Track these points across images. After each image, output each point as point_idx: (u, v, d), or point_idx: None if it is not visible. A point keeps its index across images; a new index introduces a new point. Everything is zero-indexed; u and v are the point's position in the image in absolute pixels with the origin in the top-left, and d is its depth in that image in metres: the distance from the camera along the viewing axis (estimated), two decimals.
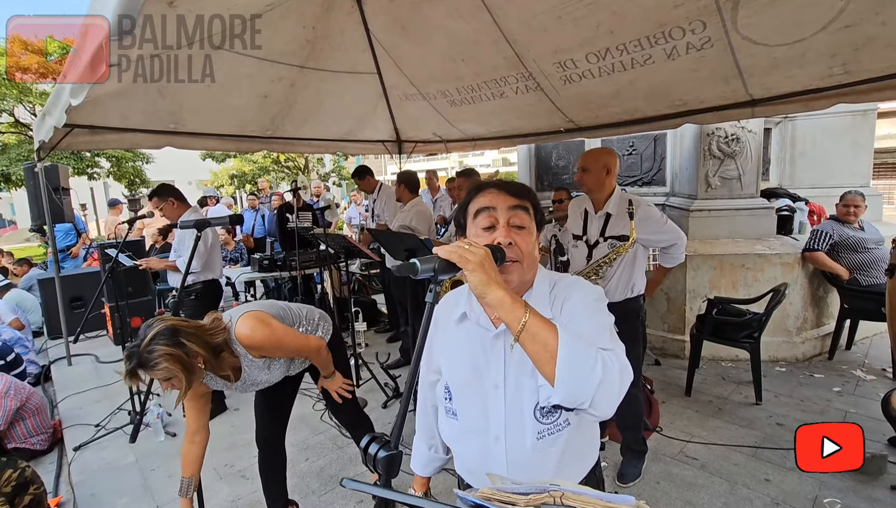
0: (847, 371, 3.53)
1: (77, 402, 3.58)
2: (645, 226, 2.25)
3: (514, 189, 1.01)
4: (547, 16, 2.19)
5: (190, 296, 3.18)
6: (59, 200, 4.33)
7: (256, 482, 2.50)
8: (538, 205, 1.04)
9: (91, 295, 4.67)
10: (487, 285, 0.81)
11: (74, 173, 12.23)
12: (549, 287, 1.01)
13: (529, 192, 1.03)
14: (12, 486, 1.98)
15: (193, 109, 3.15)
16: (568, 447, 0.97)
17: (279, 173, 17.99)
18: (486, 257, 0.83)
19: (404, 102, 3.80)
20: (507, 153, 26.53)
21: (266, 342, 1.64)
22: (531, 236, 0.98)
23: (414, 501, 0.48)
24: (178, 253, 3.21)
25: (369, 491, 0.57)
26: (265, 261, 4.72)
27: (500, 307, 0.81)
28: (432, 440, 1.22)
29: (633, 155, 4.76)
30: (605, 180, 2.31)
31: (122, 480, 2.60)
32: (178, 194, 3.22)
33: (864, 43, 1.87)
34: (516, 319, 0.80)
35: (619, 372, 0.81)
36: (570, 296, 0.97)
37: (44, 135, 3.02)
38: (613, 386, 0.80)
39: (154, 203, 3.20)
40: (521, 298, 0.84)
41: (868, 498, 2.14)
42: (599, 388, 0.77)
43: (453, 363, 1.05)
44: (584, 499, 0.50)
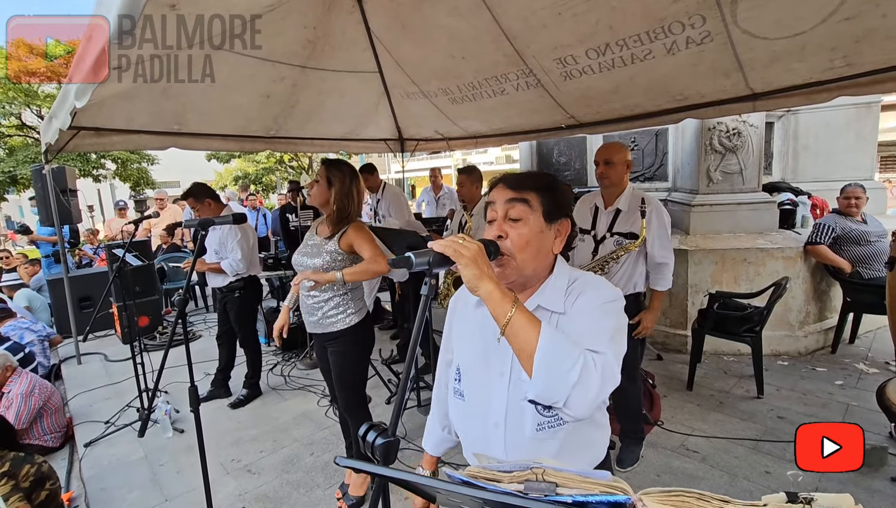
0: (850, 365, 3.52)
1: (87, 399, 3.64)
2: (654, 228, 2.26)
3: (514, 182, 1.01)
4: (546, 12, 2.20)
5: (234, 293, 3.29)
6: (67, 201, 4.39)
7: (262, 476, 2.55)
8: (552, 192, 1.00)
9: (99, 295, 4.74)
10: (479, 279, 0.84)
11: (81, 175, 12.35)
12: (567, 283, 1.00)
13: (536, 182, 1.01)
14: (30, 481, 2.02)
15: (197, 110, 3.19)
16: (569, 440, 0.98)
17: (283, 173, 18.06)
18: (479, 252, 0.85)
19: (406, 101, 3.82)
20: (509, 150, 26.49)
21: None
22: (527, 228, 0.97)
23: (406, 476, 0.51)
24: (220, 255, 3.27)
25: (362, 468, 0.59)
26: (269, 260, 4.76)
27: (489, 301, 0.84)
28: (445, 419, 1.23)
29: (634, 150, 4.75)
30: (624, 175, 2.34)
31: (132, 475, 2.66)
32: (213, 194, 3.26)
33: (864, 35, 1.87)
34: (503, 313, 0.83)
35: (601, 377, 0.82)
36: (585, 292, 0.97)
37: (50, 137, 3.07)
38: (590, 390, 0.80)
39: (190, 203, 3.24)
40: (511, 293, 0.86)
41: (868, 490, 2.15)
42: (574, 389, 0.79)
43: (465, 346, 1.09)
44: (564, 475, 0.52)
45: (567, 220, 1.02)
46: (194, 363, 1.94)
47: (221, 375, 3.55)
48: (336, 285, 2.09)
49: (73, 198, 4.68)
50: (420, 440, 2.98)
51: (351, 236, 2.08)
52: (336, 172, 2.08)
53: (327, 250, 2.09)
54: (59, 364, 4.39)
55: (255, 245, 3.38)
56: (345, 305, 2.13)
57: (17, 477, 1.98)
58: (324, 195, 2.09)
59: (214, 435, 2.97)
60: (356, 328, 2.15)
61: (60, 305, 4.92)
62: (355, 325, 2.14)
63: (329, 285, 2.08)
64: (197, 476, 2.00)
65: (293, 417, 3.19)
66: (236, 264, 3.19)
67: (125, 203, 7.58)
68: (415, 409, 3.13)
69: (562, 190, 1.03)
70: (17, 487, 1.95)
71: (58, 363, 4.40)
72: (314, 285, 2.05)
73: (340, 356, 2.16)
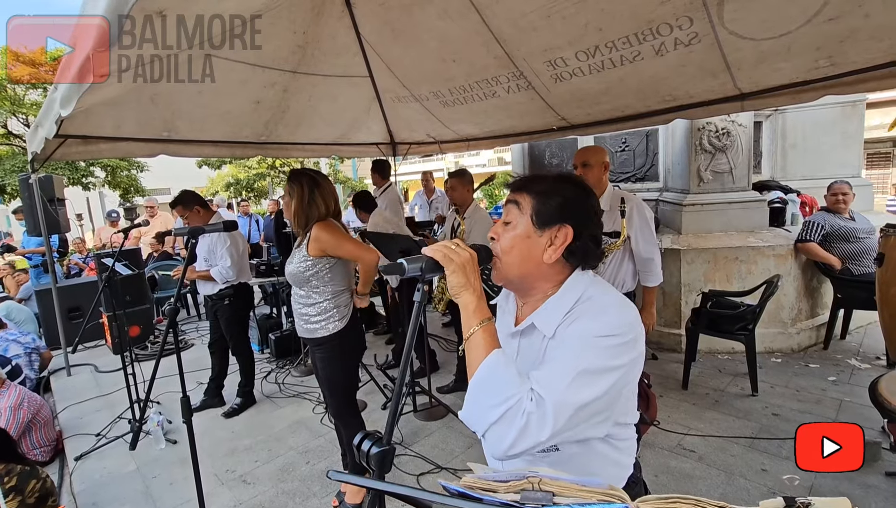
0: (842, 361, 3.56)
1: (77, 412, 3.58)
2: (636, 224, 2.28)
3: (515, 183, 0.97)
4: (535, 15, 2.21)
5: (224, 300, 3.24)
6: (55, 211, 4.32)
7: (257, 486, 2.52)
8: (548, 196, 0.91)
9: (89, 305, 4.67)
10: (462, 288, 0.84)
11: (69, 184, 12.20)
12: (573, 303, 0.89)
13: (535, 185, 0.94)
14: (36, 497, 1.96)
15: (186, 117, 3.16)
16: (568, 464, 0.90)
17: (275, 179, 17.98)
18: (469, 261, 0.85)
19: (397, 105, 3.81)
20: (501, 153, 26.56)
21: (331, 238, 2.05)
22: (513, 232, 0.92)
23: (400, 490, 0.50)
24: (209, 262, 3.24)
25: (355, 482, 0.58)
26: (262, 267, 4.73)
27: (463, 310, 0.84)
28: None
29: (626, 151, 4.78)
30: (602, 177, 2.35)
31: (124, 488, 2.61)
32: (201, 202, 3.25)
33: (848, 35, 1.89)
34: (468, 326, 0.83)
35: (523, 427, 0.73)
36: (580, 319, 0.86)
37: (36, 146, 3.03)
38: (508, 434, 0.74)
39: (179, 211, 3.21)
40: (486, 310, 0.85)
41: (863, 485, 2.16)
42: (492, 428, 0.76)
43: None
44: (561, 483, 0.52)
45: (566, 227, 0.90)
46: (188, 372, 1.92)
47: (214, 384, 3.51)
48: (321, 291, 2.10)
49: (62, 207, 4.62)
50: (416, 446, 2.97)
51: (318, 237, 2.03)
52: (294, 184, 2.07)
53: (301, 257, 2.08)
54: (48, 376, 4.32)
55: (244, 252, 3.34)
56: (330, 311, 2.11)
57: (24, 493, 1.93)
58: (290, 208, 2.10)
59: (208, 445, 2.93)
60: (342, 334, 2.13)
61: (49, 315, 4.84)
62: (341, 331, 2.13)
63: (315, 290, 2.09)
64: (190, 487, 1.96)
65: (288, 425, 3.16)
66: (225, 271, 3.16)
67: (117, 214, 7.48)
68: (411, 414, 3.11)
69: (568, 195, 0.91)
70: (23, 503, 1.90)
71: (47, 375, 4.33)
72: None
73: (327, 361, 2.16)
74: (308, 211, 2.06)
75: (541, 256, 0.90)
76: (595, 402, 0.77)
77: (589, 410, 0.77)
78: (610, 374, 0.79)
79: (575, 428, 0.77)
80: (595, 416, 0.79)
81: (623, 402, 0.85)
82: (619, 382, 0.80)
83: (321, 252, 2.05)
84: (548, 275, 0.92)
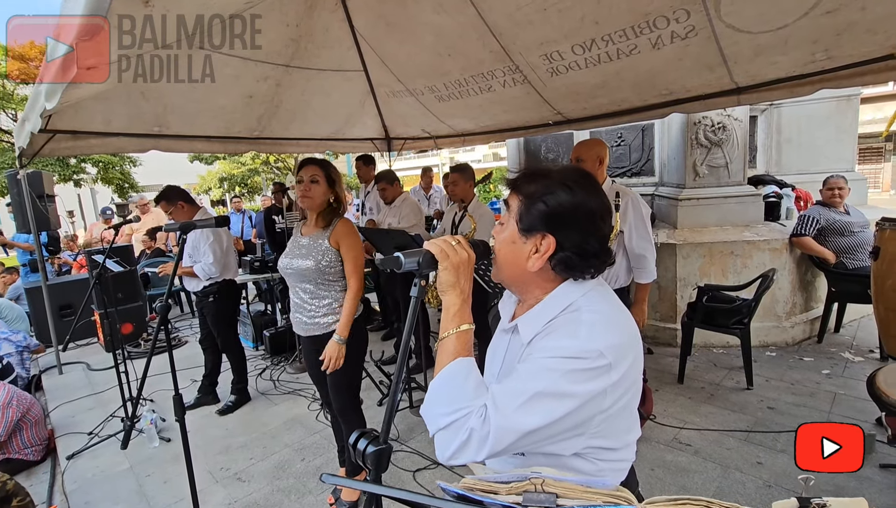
0: (836, 354, 3.58)
1: (69, 410, 3.54)
2: (630, 219, 2.27)
3: (512, 180, 0.92)
4: (531, 8, 2.19)
5: (208, 297, 3.19)
6: (44, 207, 4.27)
7: (252, 484, 2.50)
8: (536, 200, 0.83)
9: (80, 303, 4.62)
10: (450, 287, 0.84)
11: (60, 180, 12.06)
12: (558, 311, 0.83)
13: (524, 183, 0.87)
14: None
15: (178, 112, 3.11)
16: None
17: (269, 174, 17.87)
18: (465, 262, 0.84)
19: (392, 99, 3.78)
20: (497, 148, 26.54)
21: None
22: (504, 233, 0.88)
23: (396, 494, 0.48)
24: (193, 259, 3.18)
25: (350, 485, 0.56)
26: (256, 263, 4.68)
27: (444, 311, 0.84)
28: None
29: (621, 146, 4.77)
30: (597, 171, 2.34)
31: (117, 487, 2.58)
32: (186, 197, 3.19)
33: (845, 28, 1.89)
34: (444, 328, 0.83)
35: (470, 441, 0.72)
36: (552, 334, 0.81)
37: (23, 141, 2.97)
38: (451, 444, 0.74)
39: (163, 207, 3.15)
40: (467, 316, 0.84)
41: (857, 477, 2.18)
42: (439, 432, 0.76)
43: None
44: (565, 485, 0.50)
45: (549, 237, 0.82)
46: (181, 369, 1.89)
47: (208, 381, 3.48)
48: (333, 286, 2.07)
49: (51, 204, 4.56)
50: (413, 442, 2.96)
51: (348, 232, 2.07)
52: (324, 170, 2.07)
53: (321, 249, 2.03)
54: (39, 375, 4.27)
55: (229, 249, 3.25)
56: (338, 305, 2.09)
57: None
58: (325, 194, 2.07)
59: (202, 443, 2.90)
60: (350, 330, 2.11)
61: (40, 313, 4.78)
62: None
63: (327, 285, 2.06)
64: (184, 485, 1.94)
65: (283, 422, 3.14)
66: (208, 267, 3.10)
67: (111, 212, 7.39)
68: (407, 410, 3.10)
69: (555, 203, 0.82)
70: None
71: (38, 374, 4.28)
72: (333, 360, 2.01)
73: None
74: (335, 201, 2.10)
75: (525, 262, 0.85)
76: (545, 428, 0.72)
77: (537, 436, 0.73)
78: (566, 401, 0.72)
79: (519, 450, 0.76)
80: (548, 440, 0.75)
81: (605, 426, 0.78)
82: (580, 410, 0.73)
83: (338, 246, 2.06)
84: (536, 281, 0.87)
